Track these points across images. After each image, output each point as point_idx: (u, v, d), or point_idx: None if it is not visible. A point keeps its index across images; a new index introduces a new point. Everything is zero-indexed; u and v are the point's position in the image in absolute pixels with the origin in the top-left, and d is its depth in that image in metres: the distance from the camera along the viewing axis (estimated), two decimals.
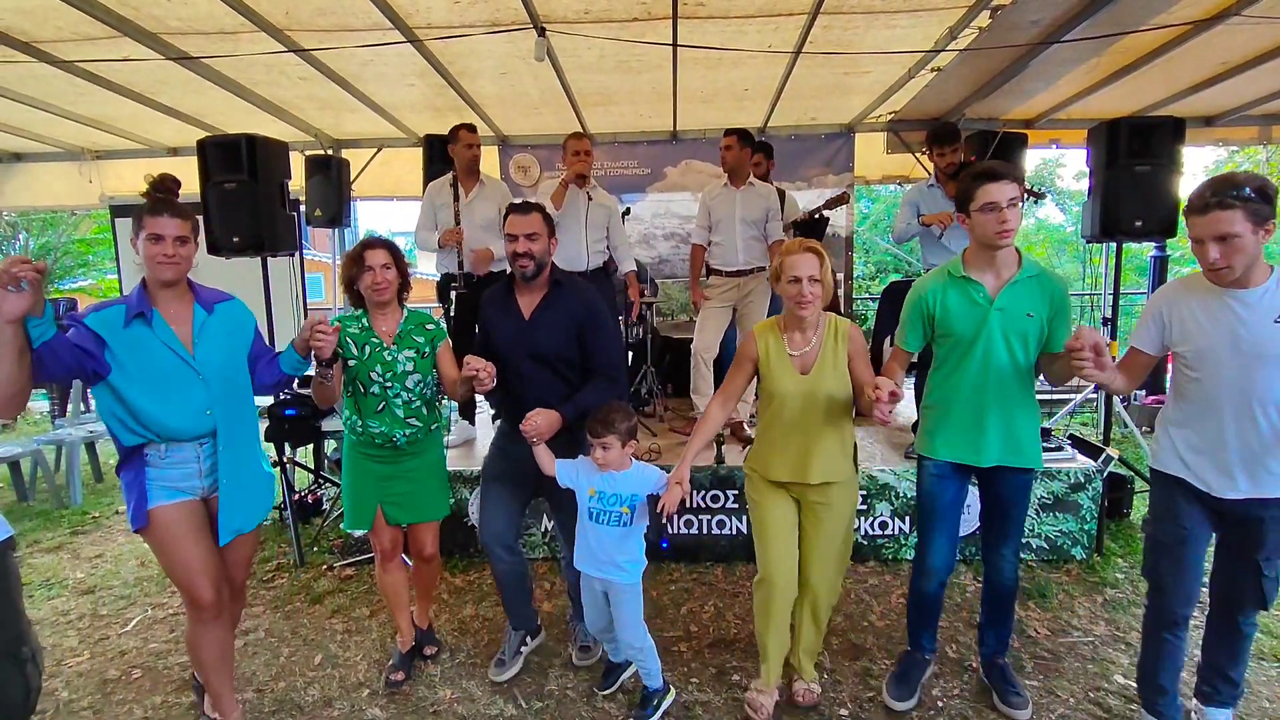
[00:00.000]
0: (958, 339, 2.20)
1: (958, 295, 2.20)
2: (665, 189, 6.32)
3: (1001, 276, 2.16)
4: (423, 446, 2.51)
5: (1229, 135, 6.43)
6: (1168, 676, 2.11)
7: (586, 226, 4.01)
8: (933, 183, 3.98)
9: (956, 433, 2.23)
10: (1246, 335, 1.86)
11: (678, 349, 5.45)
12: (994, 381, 2.17)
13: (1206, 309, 1.92)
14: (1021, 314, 2.13)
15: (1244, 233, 1.77)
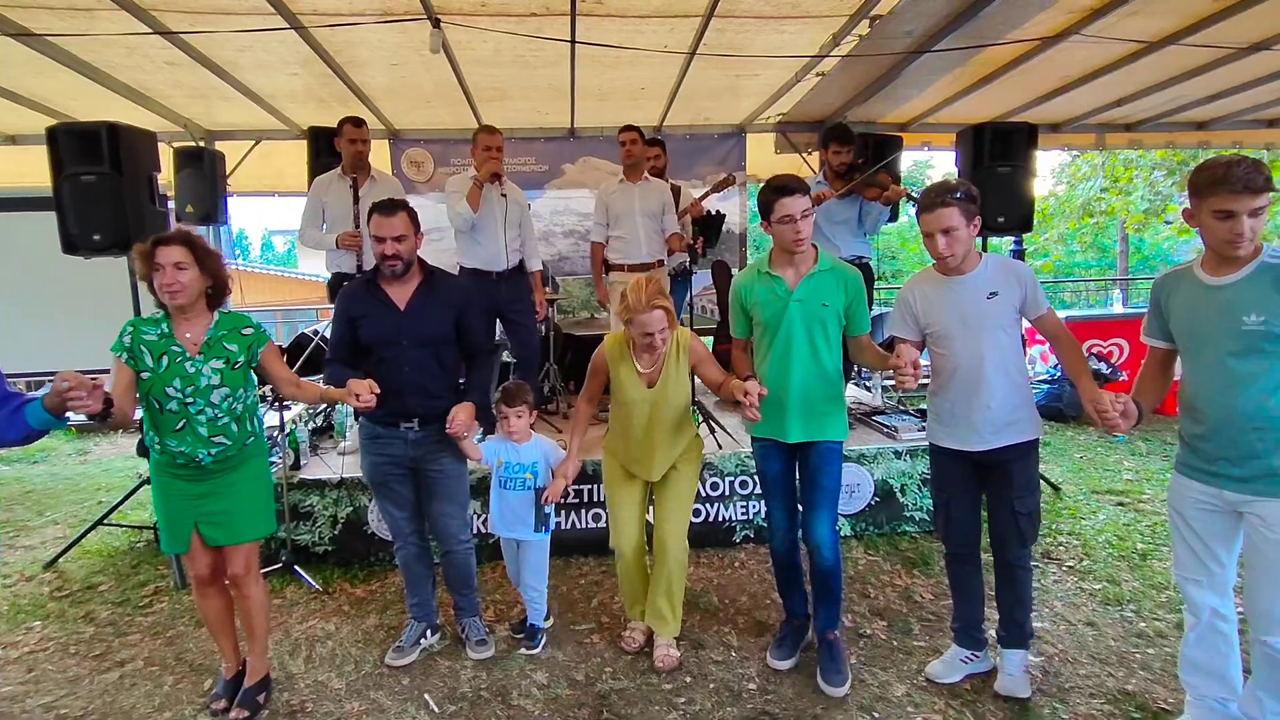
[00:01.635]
0: (765, 327, 2.46)
1: (764, 289, 2.45)
2: (564, 186, 6.30)
3: (800, 271, 2.42)
4: (238, 461, 2.30)
5: (1072, 141, 7.14)
6: (963, 611, 2.50)
7: (505, 225, 3.92)
8: (820, 179, 4.20)
9: (768, 413, 2.40)
10: (970, 312, 2.26)
11: (580, 346, 5.46)
12: (796, 364, 2.42)
13: (939, 295, 2.32)
14: (818, 304, 2.40)
15: (960, 225, 2.18)
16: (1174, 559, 2.12)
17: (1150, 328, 2.11)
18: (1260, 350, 1.84)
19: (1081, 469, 4.77)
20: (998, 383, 2.26)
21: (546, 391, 4.88)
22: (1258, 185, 1.76)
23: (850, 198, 4.13)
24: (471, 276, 3.98)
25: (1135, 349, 6.57)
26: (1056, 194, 16.00)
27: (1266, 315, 1.82)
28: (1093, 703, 2.31)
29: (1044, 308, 2.31)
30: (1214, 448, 1.93)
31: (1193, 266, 2.00)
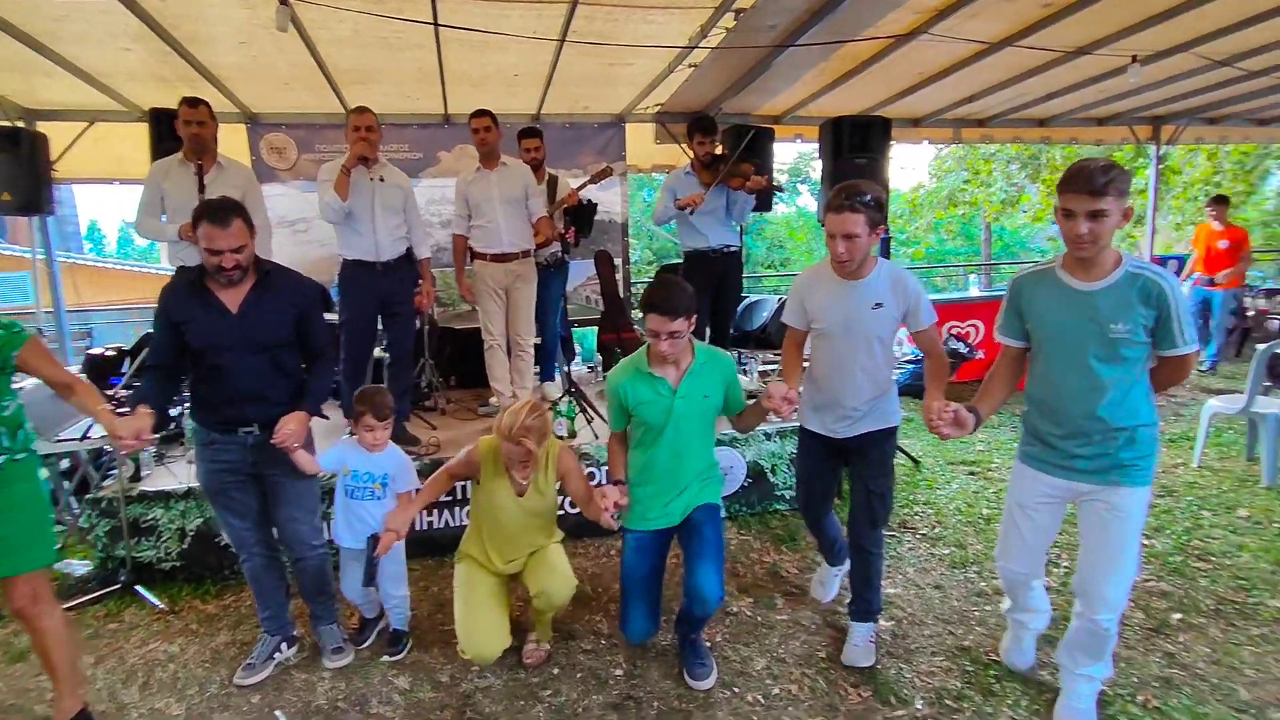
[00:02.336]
0: (649, 426, 2.44)
1: (646, 389, 2.41)
2: (439, 174, 6.09)
3: (681, 368, 2.42)
4: (3, 480, 2.06)
5: (932, 134, 7.59)
6: (825, 544, 2.78)
7: (376, 213, 3.68)
8: (689, 170, 4.26)
9: (656, 507, 2.46)
10: (854, 319, 2.33)
11: (459, 340, 5.33)
12: (688, 458, 2.46)
13: (830, 295, 2.37)
14: (699, 397, 2.43)
15: (862, 233, 2.18)
16: (1001, 548, 2.27)
17: (1008, 327, 2.17)
18: (1122, 357, 1.94)
19: (939, 443, 5.11)
20: (865, 384, 2.38)
21: (423, 387, 4.72)
22: (1095, 188, 1.82)
23: (718, 188, 4.20)
24: (355, 269, 3.76)
25: (991, 329, 7.11)
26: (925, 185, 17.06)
27: (1130, 324, 1.91)
28: (934, 660, 2.48)
29: (925, 323, 2.36)
30: (1072, 445, 2.03)
31: (1054, 269, 2.04)
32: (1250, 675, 2.33)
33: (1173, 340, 1.91)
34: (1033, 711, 2.19)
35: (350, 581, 2.63)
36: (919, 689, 2.32)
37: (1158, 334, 1.92)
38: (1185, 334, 1.90)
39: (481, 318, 4.21)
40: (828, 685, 2.37)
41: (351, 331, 3.84)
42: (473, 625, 2.45)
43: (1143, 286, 1.90)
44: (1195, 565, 3.08)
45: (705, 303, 4.30)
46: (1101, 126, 7.72)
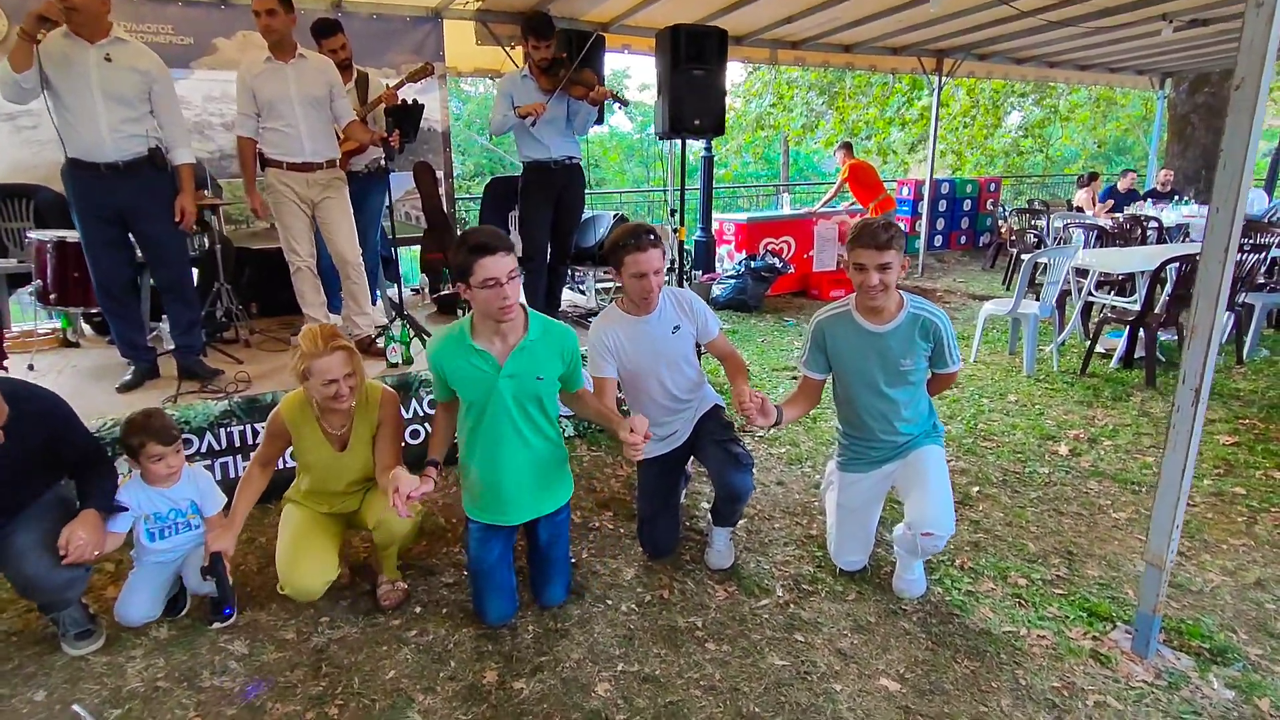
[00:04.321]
0: (470, 405, 2.18)
1: (465, 364, 2.14)
2: (217, 65, 5.11)
3: (509, 342, 2.14)
4: None
5: (751, 54, 7.74)
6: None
7: (97, 100, 2.90)
8: (526, 73, 3.93)
9: (488, 499, 2.25)
10: (663, 350, 2.49)
11: (258, 261, 4.66)
12: (509, 447, 2.18)
13: (631, 337, 2.45)
14: (531, 378, 2.15)
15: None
16: (838, 548, 2.50)
17: (812, 364, 2.43)
18: (909, 381, 2.31)
19: (764, 351, 5.45)
20: (683, 397, 2.57)
21: (220, 316, 4.09)
22: (880, 242, 2.12)
23: (558, 96, 3.93)
24: (74, 170, 2.99)
25: (800, 245, 7.61)
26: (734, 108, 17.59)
27: (914, 357, 2.27)
28: (786, 549, 2.67)
29: (715, 333, 2.56)
30: (877, 451, 2.41)
31: (850, 312, 2.33)
32: (1034, 531, 2.78)
33: (945, 362, 2.33)
34: (876, 586, 2.44)
35: (154, 605, 2.24)
36: (778, 578, 2.49)
37: (934, 358, 2.32)
38: (954, 356, 2.32)
39: (283, 235, 3.63)
40: (696, 586, 2.45)
41: (87, 249, 3.14)
42: (293, 556, 2.21)
43: (923, 325, 2.27)
44: (983, 444, 3.59)
45: (547, 217, 4.10)
46: (896, 56, 8.32)
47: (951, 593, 2.40)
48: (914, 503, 2.28)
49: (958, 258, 10.24)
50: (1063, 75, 9.92)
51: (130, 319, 3.34)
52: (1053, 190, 16.52)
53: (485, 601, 2.25)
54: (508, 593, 2.28)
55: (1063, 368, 4.77)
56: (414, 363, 3.52)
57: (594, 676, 2.03)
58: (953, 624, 2.24)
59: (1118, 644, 2.13)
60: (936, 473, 2.31)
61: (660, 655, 2.11)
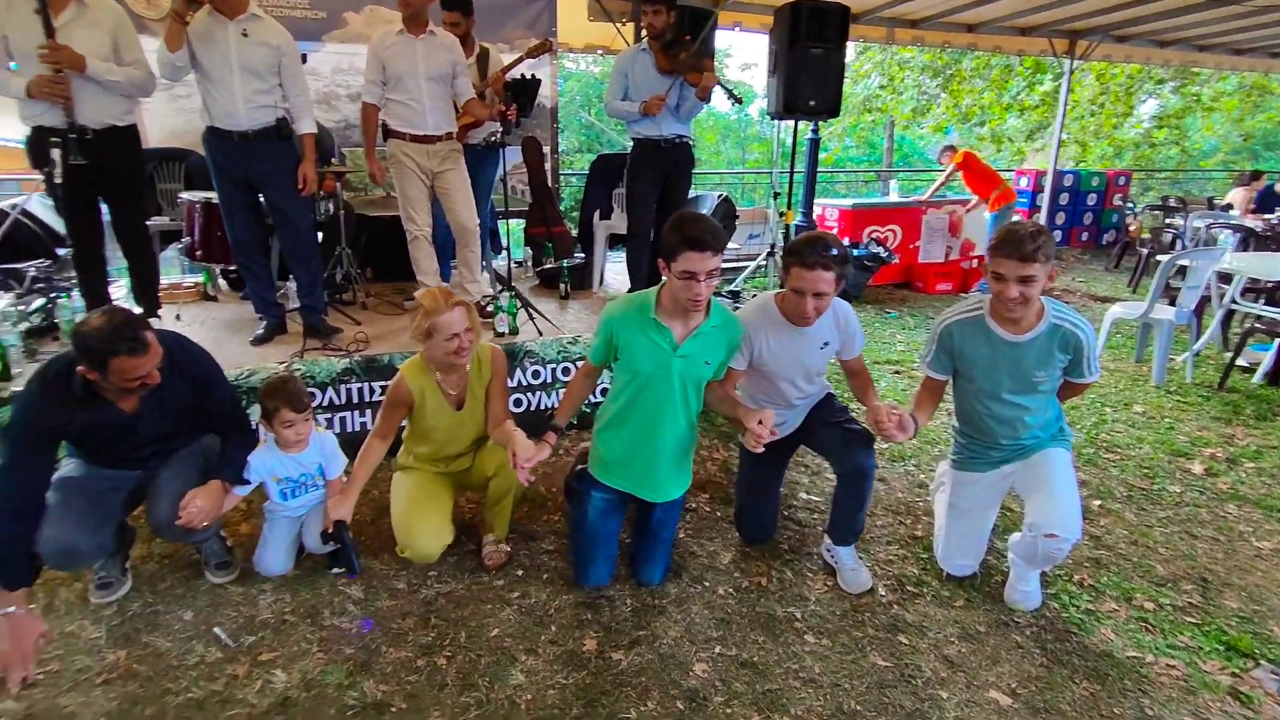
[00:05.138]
0: (636, 375, 2.19)
1: (644, 338, 2.16)
2: (347, 39, 5.35)
3: (689, 325, 2.17)
4: None
5: (866, 33, 7.44)
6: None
7: (235, 73, 3.13)
8: (644, 49, 3.90)
9: (634, 466, 2.27)
10: (808, 362, 2.37)
11: (376, 228, 4.88)
12: (669, 422, 2.21)
13: (781, 343, 2.32)
14: (700, 362, 2.19)
15: (830, 291, 2.15)
16: (944, 549, 2.40)
17: (937, 365, 2.30)
18: (1041, 391, 2.19)
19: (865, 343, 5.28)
20: (804, 403, 2.49)
21: (340, 279, 4.31)
22: (1025, 253, 1.95)
23: (673, 76, 3.86)
24: (211, 137, 3.25)
25: (907, 234, 7.30)
26: None
27: (1050, 370, 2.15)
28: (889, 549, 2.59)
29: (857, 352, 2.44)
30: (997, 452, 2.31)
31: (984, 317, 2.19)
32: (1163, 553, 2.58)
33: (1081, 372, 2.18)
34: (986, 595, 2.33)
35: (282, 560, 2.38)
36: (881, 577, 2.42)
37: (1070, 368, 2.18)
38: (1093, 367, 2.18)
39: (402, 205, 3.79)
40: (794, 576, 2.42)
41: (223, 210, 3.42)
42: (411, 521, 2.31)
43: (1063, 337, 2.12)
44: (1105, 456, 3.36)
45: (653, 195, 4.08)
46: (1024, 36, 7.81)
47: (1069, 609, 2.26)
48: (1037, 503, 2.15)
49: (1078, 255, 9.57)
50: (1213, 60, 9.05)
51: (261, 277, 3.58)
52: (1186, 187, 15.16)
53: (589, 565, 2.31)
54: (611, 561, 2.34)
55: (1197, 380, 4.39)
56: (519, 333, 3.61)
57: (691, 656, 2.04)
58: (1070, 642, 2.12)
59: (1261, 683, 1.96)
60: (1063, 474, 2.18)
61: (758, 642, 2.10)
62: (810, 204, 7.22)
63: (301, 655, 2.02)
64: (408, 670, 1.97)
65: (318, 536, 2.33)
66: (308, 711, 1.83)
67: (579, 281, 4.72)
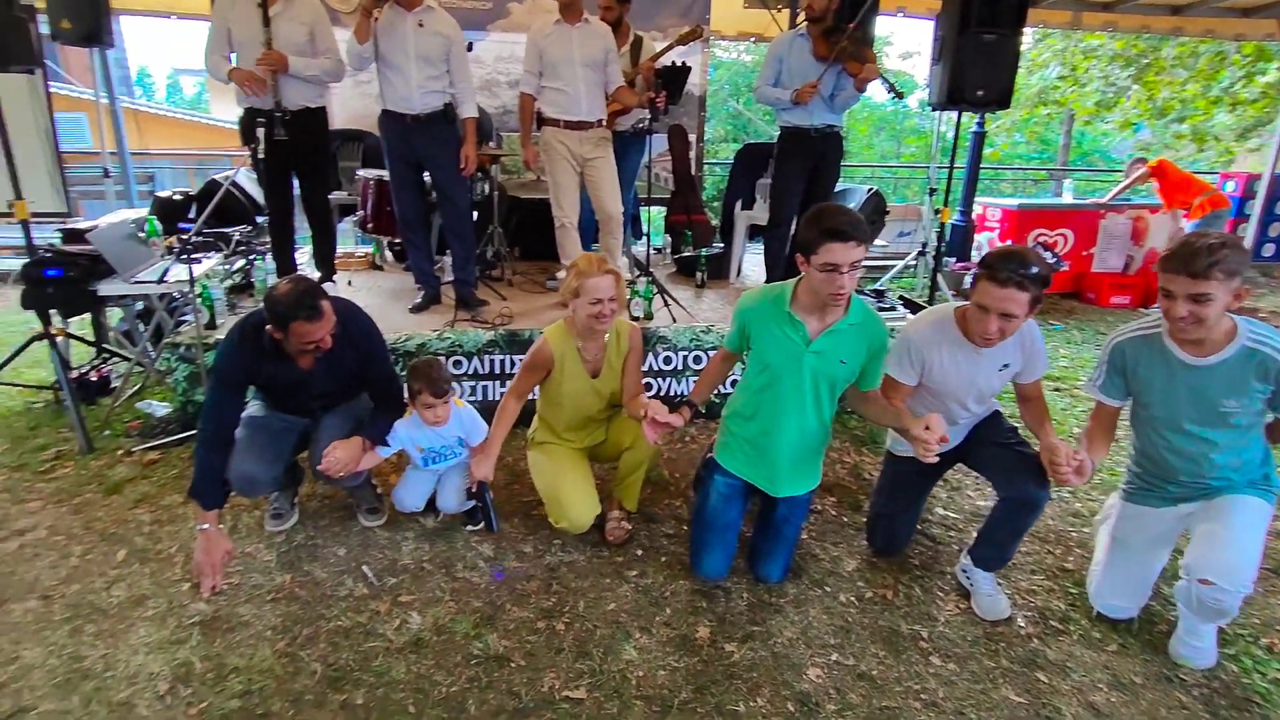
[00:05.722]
0: (767, 367, 2.14)
1: (778, 331, 2.10)
2: (510, 28, 5.63)
3: (826, 321, 2.07)
4: None
5: (1048, 17, 6.80)
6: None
7: (411, 61, 3.40)
8: (802, 33, 3.78)
9: (755, 457, 2.23)
10: (982, 383, 2.19)
11: (525, 209, 5.10)
12: (792, 418, 2.14)
13: (956, 362, 2.16)
14: (835, 360, 2.09)
15: (1021, 314, 1.95)
16: (1098, 586, 2.18)
17: (1109, 388, 2.07)
18: (1231, 425, 1.91)
19: None
20: (970, 423, 2.33)
21: (490, 256, 4.56)
22: (1195, 270, 1.72)
23: (833, 66, 3.71)
24: (386, 120, 3.54)
25: (1080, 240, 6.63)
26: None
27: (1244, 400, 1.87)
28: (1034, 578, 2.39)
29: (1038, 376, 2.22)
30: (1177, 488, 2.05)
31: (1161, 335, 1.94)
32: None
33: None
34: (1146, 643, 2.10)
35: (417, 498, 2.58)
36: (1021, 606, 2.23)
37: (1275, 401, 1.88)
38: None
39: (552, 191, 3.93)
40: (923, 594, 2.29)
41: (393, 187, 3.70)
42: (563, 493, 2.40)
43: (1261, 364, 1.84)
44: None
45: (799, 185, 3.97)
46: (1245, 19, 6.82)
47: (1251, 675, 1.98)
48: (1200, 543, 1.91)
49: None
50: None
51: (422, 250, 3.87)
52: None
53: (706, 554, 2.28)
54: (729, 553, 2.31)
55: None
56: (653, 319, 3.65)
57: (806, 659, 1.99)
58: (1250, 713, 1.85)
59: None
60: (1245, 519, 1.90)
61: (878, 656, 2.01)
62: (969, 202, 6.75)
63: (435, 602, 2.18)
64: (528, 630, 2.07)
65: (453, 497, 2.50)
66: (437, 654, 1.97)
67: (716, 271, 4.69)
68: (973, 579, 2.27)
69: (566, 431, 2.55)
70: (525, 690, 1.86)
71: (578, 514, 2.38)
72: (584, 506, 2.40)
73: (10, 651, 1.94)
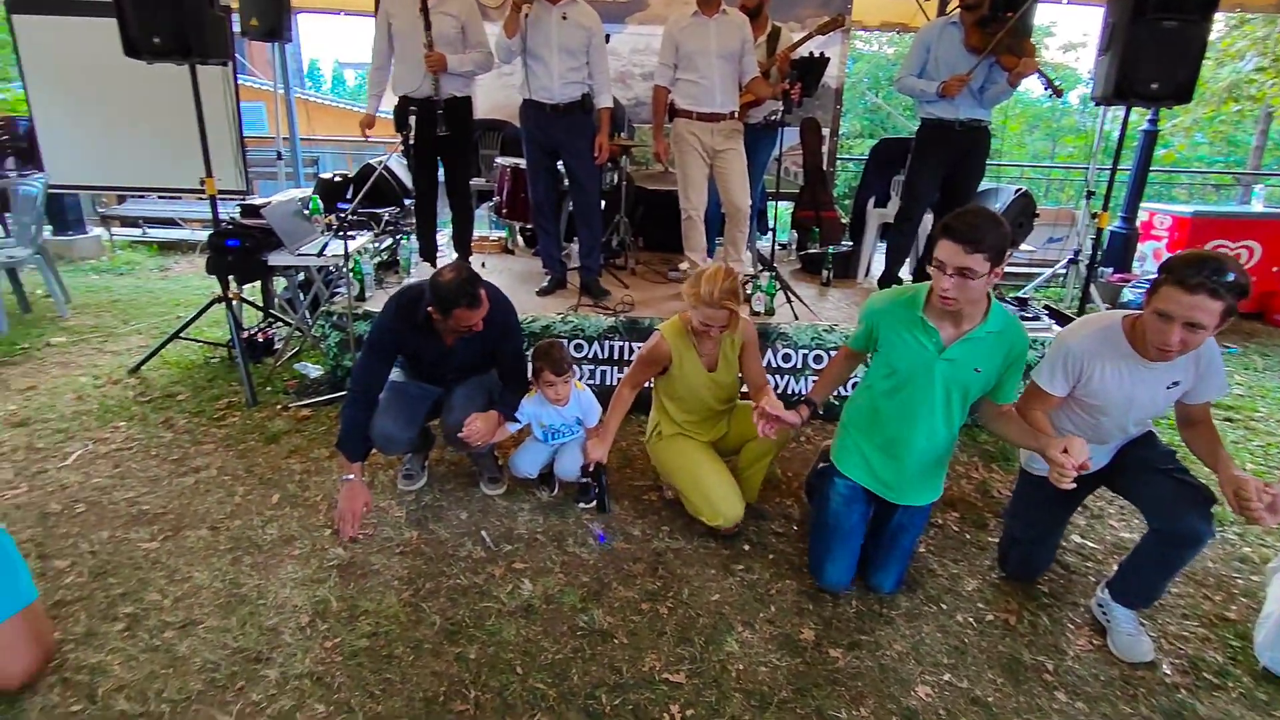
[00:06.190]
0: (895, 371, 2.06)
1: (907, 334, 2.02)
2: (647, 20, 5.70)
3: (960, 328, 1.97)
4: None
5: (1247, 2, 6.04)
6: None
7: (555, 52, 3.53)
8: (954, 20, 3.57)
9: (879, 462, 2.15)
10: (1145, 400, 1.98)
11: (651, 201, 5.15)
12: (922, 426, 2.06)
13: (1119, 376, 1.96)
14: (969, 368, 1.98)
15: (1210, 326, 1.74)
16: (1273, 639, 1.94)
17: None
18: None
19: None
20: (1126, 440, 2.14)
21: (615, 245, 4.65)
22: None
23: (986, 59, 3.47)
24: (527, 109, 3.68)
25: (1269, 254, 5.88)
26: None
27: None
28: (1185, 624, 2.16)
29: (1210, 397, 1.99)
30: None
31: None
32: None
33: None
34: None
35: (533, 465, 2.69)
36: (1168, 653, 2.03)
37: None
38: None
39: (680, 183, 3.94)
40: (1051, 623, 2.13)
41: (529, 174, 3.85)
42: (710, 490, 2.41)
43: None
44: None
45: (935, 180, 3.77)
46: None
47: None
48: None
49: None
50: None
51: (552, 236, 4.01)
52: None
53: (829, 561, 2.21)
54: (853, 561, 2.22)
55: None
56: (774, 314, 3.59)
57: (915, 675, 1.91)
58: None
59: None
60: None
61: (995, 683, 1.89)
62: (1134, 207, 6.14)
63: (546, 572, 2.27)
64: (632, 610, 2.11)
65: (570, 465, 2.61)
66: (545, 621, 2.05)
67: (843, 270, 4.55)
68: (1111, 615, 2.08)
69: (689, 425, 2.57)
70: (626, 667, 1.90)
71: (730, 508, 2.38)
72: (734, 500, 2.40)
73: (185, 572, 2.22)
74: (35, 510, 2.51)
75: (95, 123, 5.06)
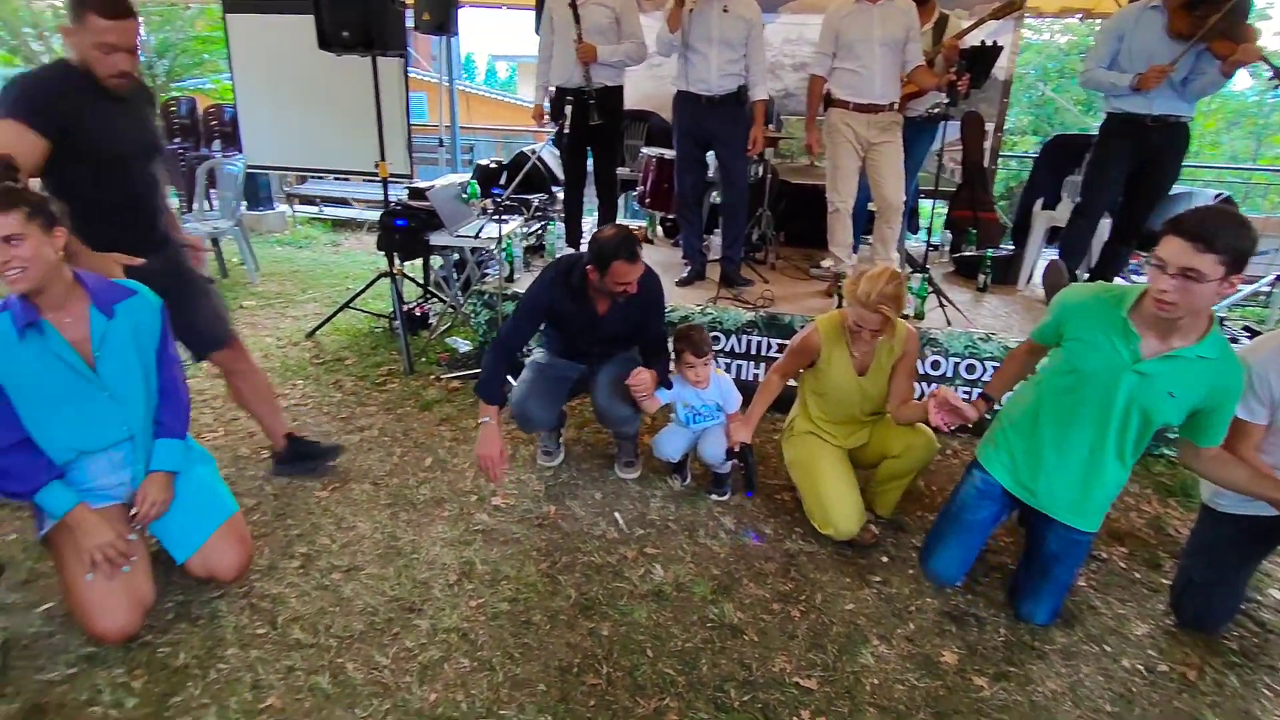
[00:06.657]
0: (1075, 370, 1.89)
1: (1103, 334, 1.83)
2: (800, 10, 5.54)
3: (1168, 342, 1.76)
4: None
5: None
6: None
7: (714, 45, 3.51)
8: (1154, 4, 3.20)
9: (1027, 459, 2.02)
10: None
11: (795, 194, 5.03)
12: (1085, 442, 1.91)
13: None
14: (1162, 391, 1.78)
15: None
16: None
17: None
18: None
19: None
20: None
21: (755, 239, 4.59)
22: None
23: (1195, 48, 3.09)
24: (681, 100, 3.69)
25: None
26: None
27: None
28: None
29: None
30: None
31: None
32: None
33: None
34: None
35: (675, 449, 2.67)
36: None
37: None
38: None
39: (830, 175, 3.79)
40: (1242, 686, 1.89)
41: (677, 164, 3.86)
42: (827, 497, 2.36)
43: None
44: None
45: (1119, 177, 3.42)
46: None
47: None
48: None
49: None
50: None
51: (695, 226, 4.02)
52: None
53: (941, 548, 2.14)
54: (967, 558, 2.14)
55: None
56: (925, 319, 3.41)
57: (1072, 718, 1.76)
58: None
59: None
60: None
61: None
62: None
63: (677, 560, 2.29)
64: (763, 608, 2.09)
65: (713, 451, 2.59)
66: (676, 608, 2.07)
67: (1003, 275, 4.24)
68: None
69: (828, 425, 2.50)
70: (756, 665, 1.88)
71: (844, 520, 2.32)
72: (851, 513, 2.33)
73: (350, 521, 2.43)
74: (229, 452, 2.84)
75: (287, 109, 5.58)
